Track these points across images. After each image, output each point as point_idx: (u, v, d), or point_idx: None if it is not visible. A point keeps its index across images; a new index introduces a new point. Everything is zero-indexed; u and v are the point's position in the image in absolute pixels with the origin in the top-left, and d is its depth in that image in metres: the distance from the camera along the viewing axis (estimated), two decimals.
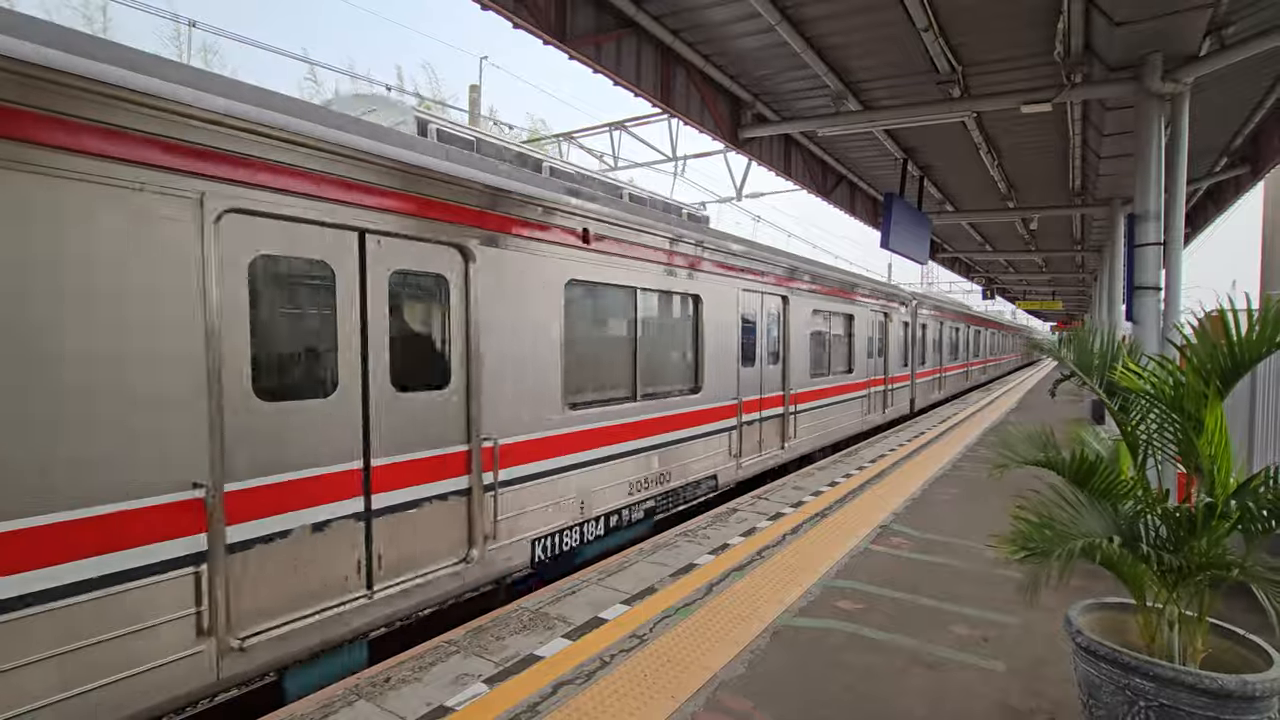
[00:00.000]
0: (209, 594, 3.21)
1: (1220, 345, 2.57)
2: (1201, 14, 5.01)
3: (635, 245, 6.21)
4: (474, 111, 22.31)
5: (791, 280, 9.56)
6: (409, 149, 4.21)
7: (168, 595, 3.09)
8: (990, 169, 11.56)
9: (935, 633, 4.17)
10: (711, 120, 8.48)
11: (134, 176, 2.98)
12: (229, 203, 3.31)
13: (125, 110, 2.92)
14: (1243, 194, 12.51)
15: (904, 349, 16.02)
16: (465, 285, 4.58)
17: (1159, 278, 5.73)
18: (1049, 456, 3.13)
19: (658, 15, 6.72)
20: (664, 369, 7.02)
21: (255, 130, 3.35)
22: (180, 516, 3.13)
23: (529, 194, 5.01)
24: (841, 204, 14.02)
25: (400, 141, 4.25)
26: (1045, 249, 21.84)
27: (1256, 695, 2.38)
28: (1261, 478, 2.59)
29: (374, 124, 4.32)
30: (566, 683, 3.49)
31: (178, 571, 3.13)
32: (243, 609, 3.36)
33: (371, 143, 3.92)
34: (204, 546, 3.21)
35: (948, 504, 7.50)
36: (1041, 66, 7.19)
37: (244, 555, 3.38)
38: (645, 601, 4.60)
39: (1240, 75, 7.69)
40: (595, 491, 5.84)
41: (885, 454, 10.70)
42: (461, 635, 4.07)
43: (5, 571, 2.61)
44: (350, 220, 3.85)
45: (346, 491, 3.86)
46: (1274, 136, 10.07)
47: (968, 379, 25.21)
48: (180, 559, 3.14)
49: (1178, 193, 6.18)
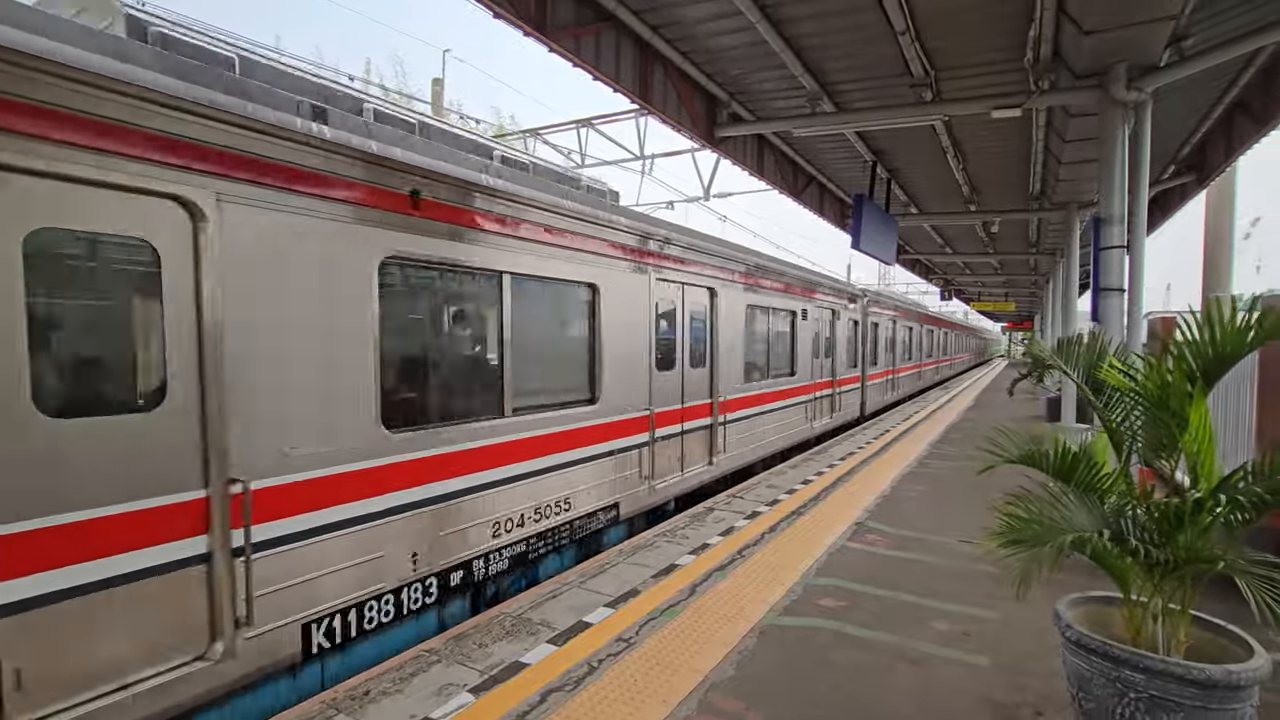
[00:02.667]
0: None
1: (1204, 344, 2.63)
2: (1165, 25, 5.20)
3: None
4: (437, 104, 21.89)
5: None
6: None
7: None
8: (955, 172, 11.86)
9: (918, 629, 4.21)
10: (688, 118, 8.45)
11: None
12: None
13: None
14: (1188, 201, 13.14)
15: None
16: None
17: (1123, 279, 5.94)
18: (1032, 453, 3.19)
19: (637, 10, 6.66)
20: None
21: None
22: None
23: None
24: (811, 205, 14.20)
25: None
26: (1002, 251, 22.57)
27: (1241, 684, 2.45)
28: (1241, 473, 2.68)
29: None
30: (555, 690, 3.40)
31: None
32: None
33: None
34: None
35: (917, 500, 7.63)
36: (1011, 72, 7.38)
37: None
38: (629, 604, 4.53)
39: (1191, 87, 8.04)
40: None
41: (854, 451, 10.86)
42: (442, 643, 3.94)
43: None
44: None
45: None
46: (1219, 147, 10.59)
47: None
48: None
49: (1140, 198, 6.43)
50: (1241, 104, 9.09)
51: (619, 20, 6.72)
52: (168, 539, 3.02)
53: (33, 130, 2.60)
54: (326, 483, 3.71)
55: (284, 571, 3.48)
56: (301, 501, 3.58)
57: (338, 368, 3.77)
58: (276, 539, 3.45)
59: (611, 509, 6.34)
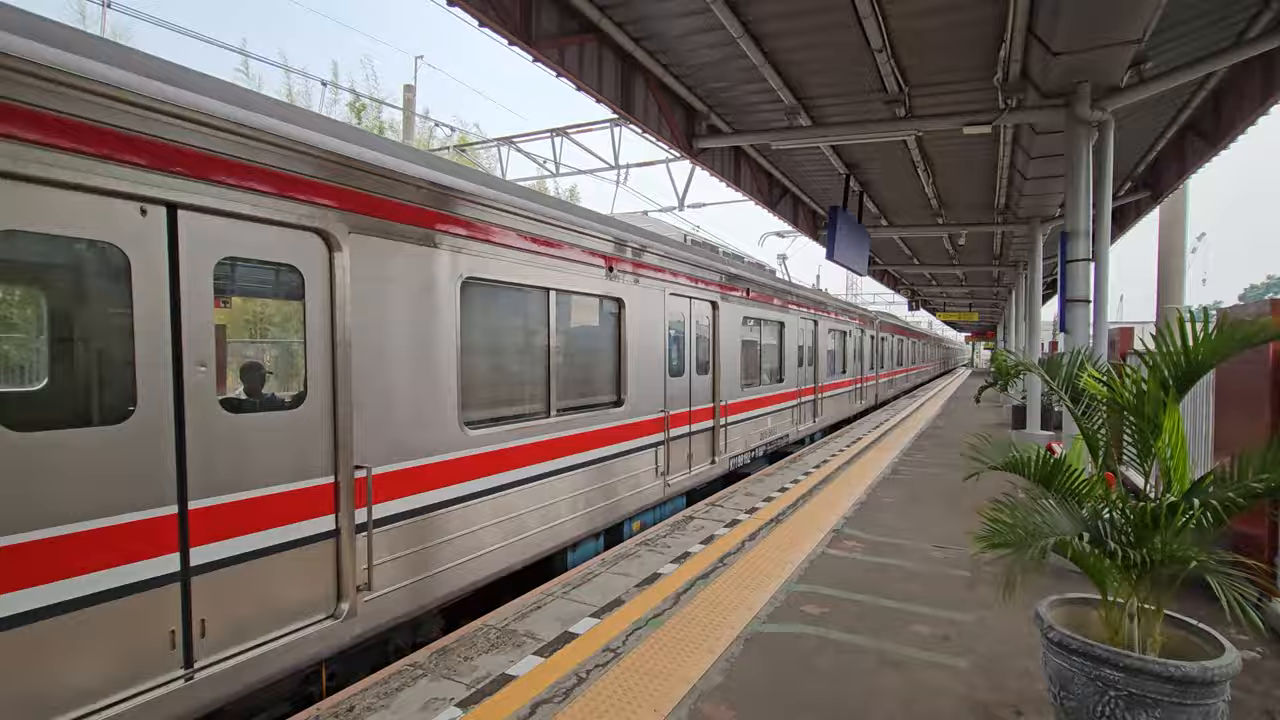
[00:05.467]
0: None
1: (1178, 353, 2.75)
2: (1128, 49, 5.45)
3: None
4: (409, 112, 21.67)
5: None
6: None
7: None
8: (925, 186, 12.17)
9: (899, 633, 4.28)
10: (668, 130, 8.53)
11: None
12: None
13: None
14: (1142, 217, 13.70)
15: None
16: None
17: (1089, 290, 6.16)
18: (1015, 459, 3.28)
19: (621, 22, 6.71)
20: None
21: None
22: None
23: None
24: (785, 216, 14.42)
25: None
26: (967, 263, 23.20)
27: (1215, 680, 2.54)
28: (1212, 477, 2.80)
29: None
30: (544, 702, 3.36)
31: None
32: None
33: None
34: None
35: (892, 506, 7.77)
36: (981, 91, 7.63)
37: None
38: (615, 614, 4.51)
39: (1147, 109, 8.42)
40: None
41: (828, 459, 11.01)
42: (426, 657, 3.86)
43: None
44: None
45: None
46: (1172, 166, 11.09)
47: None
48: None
49: (1104, 212, 6.70)
50: (1193, 125, 9.54)
51: (603, 32, 6.76)
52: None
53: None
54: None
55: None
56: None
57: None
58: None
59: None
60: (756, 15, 6.29)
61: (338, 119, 4.73)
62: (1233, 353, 2.64)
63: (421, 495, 4.30)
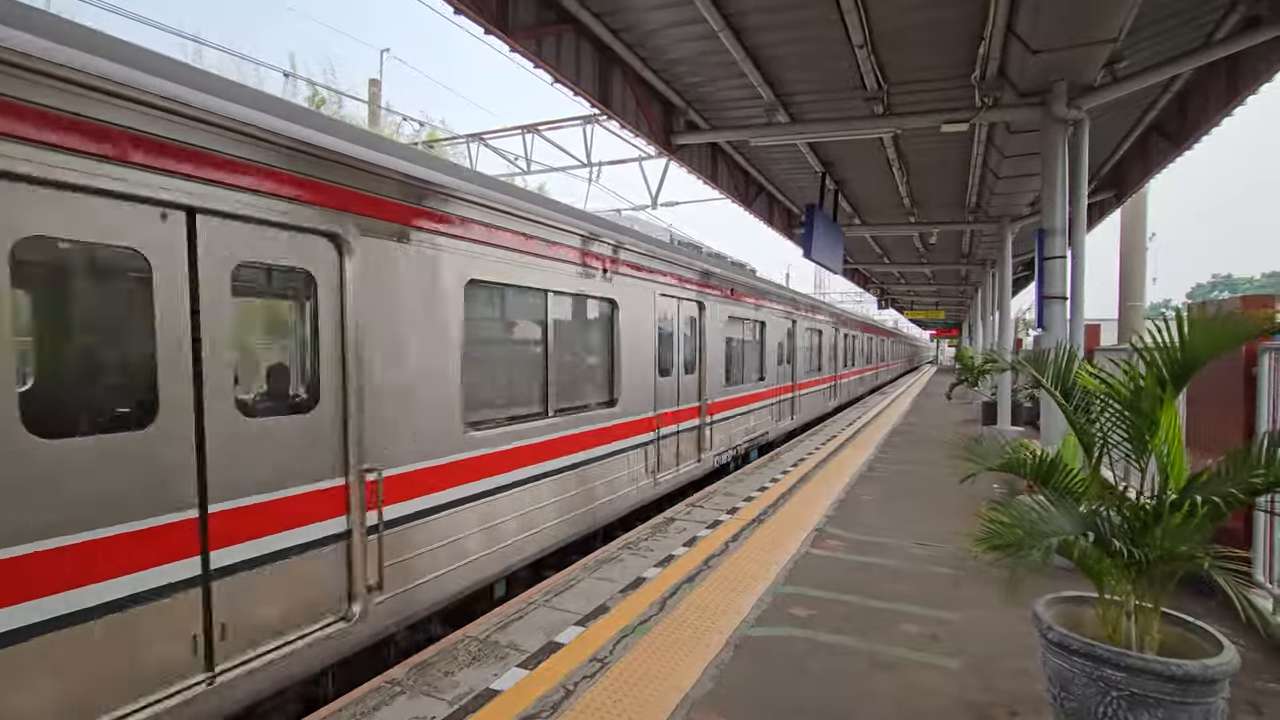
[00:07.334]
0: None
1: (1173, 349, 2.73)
2: (1104, 48, 5.50)
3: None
4: (374, 108, 21.16)
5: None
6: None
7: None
8: (900, 185, 12.27)
9: (888, 633, 4.24)
10: (646, 125, 8.41)
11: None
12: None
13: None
14: (1106, 216, 14.03)
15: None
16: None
17: (1066, 288, 6.23)
18: (1011, 459, 3.25)
19: (599, 13, 6.57)
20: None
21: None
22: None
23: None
24: (761, 214, 14.42)
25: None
26: (935, 262, 23.56)
27: (1215, 678, 2.52)
28: (1207, 474, 2.78)
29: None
30: (532, 717, 3.21)
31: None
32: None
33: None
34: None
35: (871, 504, 7.78)
36: (957, 89, 7.67)
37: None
38: (600, 621, 4.38)
39: (1114, 109, 8.58)
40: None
41: (805, 457, 11.03)
42: (404, 673, 3.68)
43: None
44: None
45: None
46: (1136, 165, 11.37)
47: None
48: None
49: (1080, 210, 6.78)
50: (1158, 126, 9.77)
51: (580, 23, 6.61)
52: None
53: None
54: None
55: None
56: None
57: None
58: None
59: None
60: (738, 8, 6.20)
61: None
62: (1232, 347, 2.62)
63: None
